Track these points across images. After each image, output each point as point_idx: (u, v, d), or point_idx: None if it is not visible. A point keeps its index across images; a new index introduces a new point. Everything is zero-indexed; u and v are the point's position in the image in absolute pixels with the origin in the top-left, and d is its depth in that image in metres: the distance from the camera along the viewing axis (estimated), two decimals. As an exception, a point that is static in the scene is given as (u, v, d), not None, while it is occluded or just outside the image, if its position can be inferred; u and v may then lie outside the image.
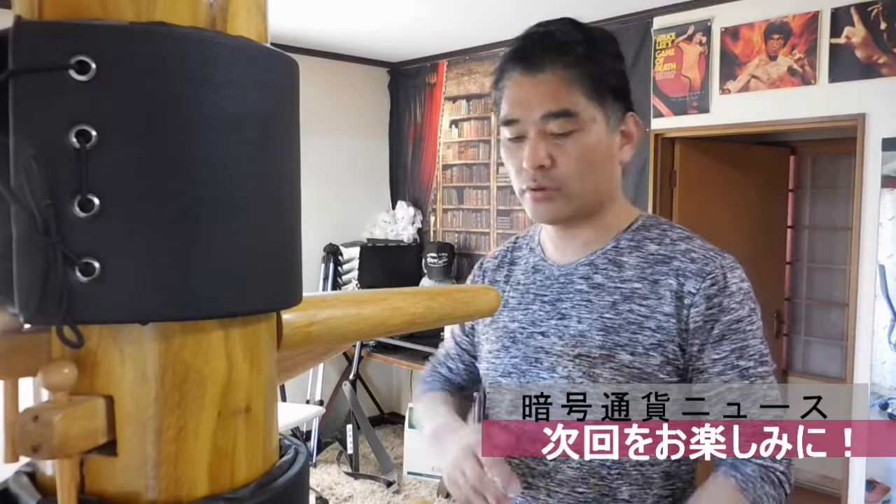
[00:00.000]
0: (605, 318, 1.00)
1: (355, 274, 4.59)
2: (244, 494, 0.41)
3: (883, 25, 2.96)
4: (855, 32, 3.04)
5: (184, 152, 0.36)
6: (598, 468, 0.98)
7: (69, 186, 0.34)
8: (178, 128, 0.36)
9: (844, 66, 3.08)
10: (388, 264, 4.69)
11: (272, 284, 0.42)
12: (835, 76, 3.12)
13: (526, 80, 0.99)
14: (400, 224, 4.98)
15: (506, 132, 1.03)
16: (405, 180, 5.12)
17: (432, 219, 4.99)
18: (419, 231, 5.02)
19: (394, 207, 5.11)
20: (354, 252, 4.62)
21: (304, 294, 0.48)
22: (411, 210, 4.99)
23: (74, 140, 0.34)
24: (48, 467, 0.40)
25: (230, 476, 0.41)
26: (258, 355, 0.43)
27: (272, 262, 0.42)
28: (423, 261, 4.69)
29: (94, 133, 0.34)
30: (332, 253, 4.70)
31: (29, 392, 0.40)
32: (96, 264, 0.35)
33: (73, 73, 0.34)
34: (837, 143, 4.13)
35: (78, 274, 0.35)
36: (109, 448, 0.38)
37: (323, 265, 4.71)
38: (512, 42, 1.03)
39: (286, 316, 0.47)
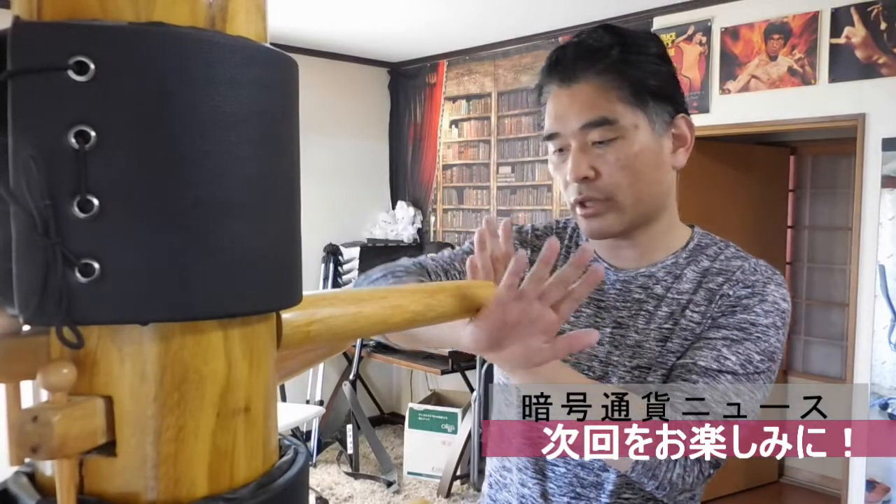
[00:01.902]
0: (664, 328, 0.99)
1: (355, 274, 4.60)
2: (244, 495, 0.41)
3: (883, 25, 2.96)
4: (855, 32, 3.04)
5: (183, 152, 0.36)
6: None
7: (68, 187, 0.34)
8: (177, 128, 0.36)
9: (844, 66, 3.08)
10: (388, 264, 4.69)
11: (272, 284, 0.42)
12: (835, 76, 3.12)
13: (563, 93, 0.97)
14: (400, 224, 4.99)
15: (550, 146, 1.01)
16: (405, 180, 5.13)
17: (432, 219, 4.99)
18: (419, 231, 5.02)
19: (394, 207, 5.11)
20: (354, 252, 4.63)
21: (304, 293, 0.48)
22: (411, 210, 5.00)
23: (73, 140, 0.34)
24: (47, 468, 0.40)
25: (230, 476, 0.41)
26: (258, 355, 0.43)
27: (272, 262, 0.42)
28: (423, 261, 4.69)
29: (92, 133, 0.34)
30: (332, 253, 4.71)
31: (29, 394, 0.40)
32: (96, 265, 0.35)
33: (71, 74, 0.34)
34: (837, 143, 4.14)
35: (77, 275, 0.34)
36: (109, 448, 0.38)
37: (323, 265, 4.72)
38: (548, 56, 1.01)
39: (285, 315, 0.47)
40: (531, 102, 4.32)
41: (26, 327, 0.39)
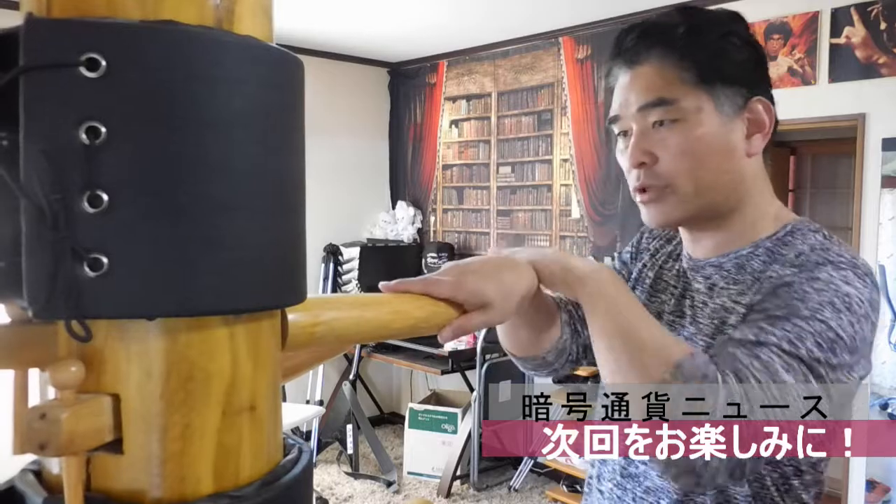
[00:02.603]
0: (715, 322, 0.91)
1: (355, 274, 4.60)
2: (248, 492, 0.41)
3: (883, 25, 2.96)
4: (855, 32, 3.05)
5: (191, 149, 0.37)
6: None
7: (78, 182, 0.35)
8: (185, 125, 0.36)
9: (844, 66, 3.09)
10: (388, 264, 4.70)
11: (277, 281, 0.42)
12: (835, 76, 3.12)
13: (626, 74, 0.93)
14: (400, 224, 4.99)
15: (614, 129, 0.96)
16: (405, 180, 5.13)
17: (432, 219, 4.99)
18: (419, 231, 5.02)
19: (394, 207, 5.12)
20: (354, 252, 4.63)
21: (308, 296, 0.48)
22: (411, 210, 5.00)
23: (84, 136, 0.34)
24: (54, 465, 0.40)
25: (235, 474, 0.41)
26: (262, 354, 0.43)
27: (277, 259, 0.42)
28: (424, 261, 4.69)
29: (103, 129, 0.35)
30: (332, 253, 4.71)
31: (36, 389, 0.40)
32: (104, 259, 0.35)
33: (83, 70, 0.34)
34: (837, 143, 4.14)
35: (86, 269, 0.35)
36: (115, 446, 0.38)
37: (323, 265, 4.72)
38: (616, 37, 0.96)
39: (291, 316, 0.48)
40: (531, 102, 4.32)
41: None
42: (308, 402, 4.52)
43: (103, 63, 0.34)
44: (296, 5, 3.64)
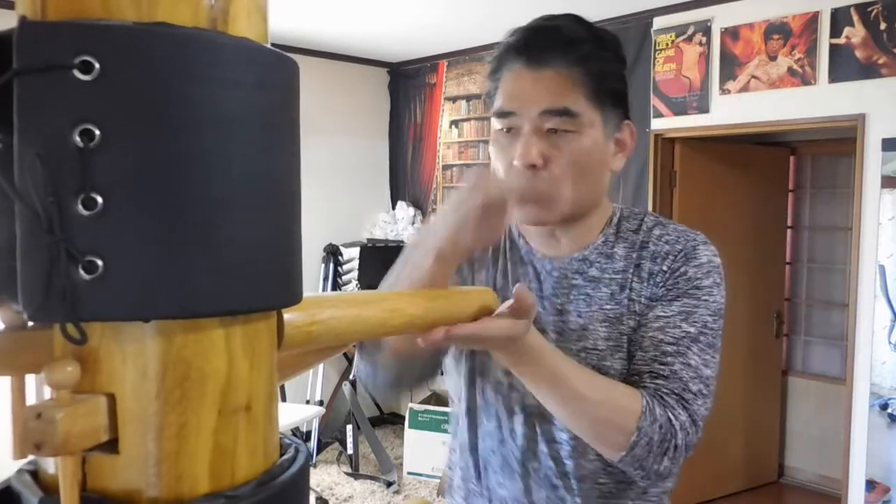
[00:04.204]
0: (606, 309, 0.99)
1: (355, 274, 4.60)
2: (244, 492, 0.41)
3: (883, 25, 2.97)
4: (855, 33, 3.05)
5: (186, 151, 0.37)
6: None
7: (73, 185, 0.35)
8: (180, 127, 0.36)
9: (844, 67, 3.09)
10: (388, 264, 4.64)
11: (272, 283, 0.42)
12: (835, 76, 3.13)
13: (527, 74, 0.95)
14: (400, 224, 4.99)
15: (497, 124, 1.00)
16: (405, 180, 5.13)
17: (432, 219, 5.00)
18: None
19: (394, 207, 5.12)
20: (354, 252, 4.63)
21: (304, 294, 0.48)
22: (411, 210, 5.00)
23: (78, 139, 0.34)
24: (50, 465, 0.40)
25: (231, 474, 0.41)
26: (258, 354, 0.43)
27: (272, 260, 0.42)
28: (423, 261, 4.69)
29: (97, 132, 0.35)
30: (332, 253, 4.71)
31: (33, 390, 0.41)
32: (99, 262, 0.35)
33: (76, 73, 0.34)
34: (837, 143, 4.14)
35: (81, 272, 0.35)
36: (111, 446, 0.38)
37: (323, 265, 4.72)
38: (514, 32, 0.99)
39: (287, 315, 0.48)
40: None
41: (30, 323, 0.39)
42: (308, 402, 4.53)
43: (97, 65, 0.34)
44: (296, 5, 3.65)
